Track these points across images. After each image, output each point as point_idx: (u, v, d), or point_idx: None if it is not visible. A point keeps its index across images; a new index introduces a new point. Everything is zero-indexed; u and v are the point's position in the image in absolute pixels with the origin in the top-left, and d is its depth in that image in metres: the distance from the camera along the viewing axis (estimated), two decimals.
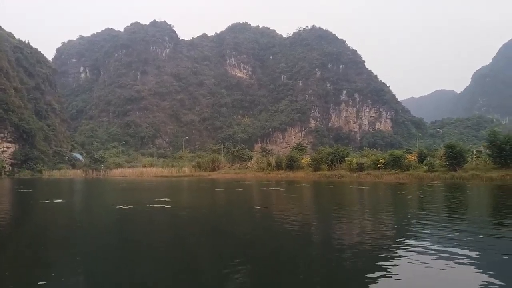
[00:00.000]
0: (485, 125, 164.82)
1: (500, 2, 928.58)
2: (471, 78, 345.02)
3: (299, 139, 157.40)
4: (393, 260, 4.40)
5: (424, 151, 35.95)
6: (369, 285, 3.51)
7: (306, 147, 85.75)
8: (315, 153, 47.86)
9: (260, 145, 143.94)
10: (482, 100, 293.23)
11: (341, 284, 3.81)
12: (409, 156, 35.73)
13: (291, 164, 47.69)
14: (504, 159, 30.03)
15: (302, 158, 49.04)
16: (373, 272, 3.86)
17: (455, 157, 31.31)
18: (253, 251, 5.28)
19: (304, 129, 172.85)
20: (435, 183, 25.10)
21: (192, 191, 21.39)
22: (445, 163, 32.21)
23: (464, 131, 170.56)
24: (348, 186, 23.23)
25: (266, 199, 14.61)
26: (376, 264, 4.23)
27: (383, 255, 4.74)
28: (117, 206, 10.64)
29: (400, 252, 4.82)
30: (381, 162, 35.89)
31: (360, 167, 37.70)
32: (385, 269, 4.00)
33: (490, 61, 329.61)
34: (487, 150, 32.02)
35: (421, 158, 34.46)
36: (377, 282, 3.57)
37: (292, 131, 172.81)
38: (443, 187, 21.14)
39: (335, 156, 41.98)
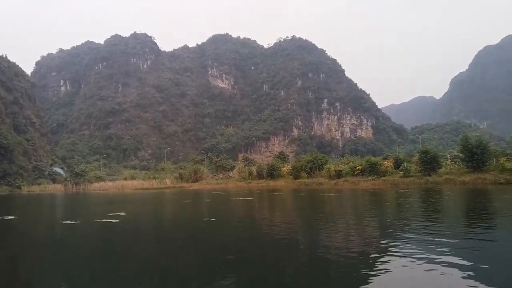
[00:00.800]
0: (464, 130, 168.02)
1: (475, 12, 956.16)
2: (449, 84, 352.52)
3: (283, 147, 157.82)
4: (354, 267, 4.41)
5: (401, 157, 36.48)
6: None
7: (288, 156, 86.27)
8: (295, 162, 48.11)
9: (243, 154, 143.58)
10: (460, 105, 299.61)
11: None
12: (385, 162, 36.15)
13: (272, 172, 47.84)
14: (476, 163, 30.61)
15: (283, 167, 49.16)
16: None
17: (429, 162, 31.83)
18: (174, 262, 5.24)
19: (287, 137, 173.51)
20: (409, 189, 25.42)
21: (158, 203, 21.13)
22: (420, 168, 32.73)
23: (444, 136, 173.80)
24: (318, 194, 23.32)
25: (224, 210, 14.51)
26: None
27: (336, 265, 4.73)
28: (64, 222, 10.48)
29: (368, 258, 4.83)
30: (358, 168, 36.23)
31: (338, 174, 37.97)
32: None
33: (467, 67, 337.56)
34: (461, 155, 32.62)
35: (397, 164, 34.89)
36: None
37: (275, 140, 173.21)
38: (415, 192, 21.41)
39: (314, 164, 42.22)
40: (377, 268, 4.32)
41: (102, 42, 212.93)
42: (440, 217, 10.10)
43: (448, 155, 36.92)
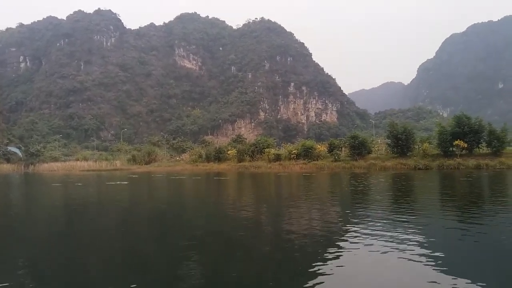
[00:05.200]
0: (424, 115, 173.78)
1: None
2: (417, 70, 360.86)
3: (249, 130, 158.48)
4: None
5: (335, 142, 37.42)
6: None
7: (246, 139, 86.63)
8: (240, 145, 48.62)
9: (210, 137, 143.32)
10: (426, 92, 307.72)
11: None
12: (319, 147, 37.07)
13: (219, 156, 48.23)
14: (400, 149, 31.90)
15: (229, 150, 49.52)
16: None
17: (357, 147, 32.90)
18: None
19: (254, 120, 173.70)
20: (318, 172, 26.27)
21: (27, 187, 21.12)
22: (349, 153, 33.79)
23: (405, 122, 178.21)
24: (222, 179, 23.92)
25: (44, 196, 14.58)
26: None
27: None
28: None
29: None
30: (294, 153, 37.05)
31: (277, 158, 38.75)
32: None
33: (434, 54, 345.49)
34: (388, 141, 33.82)
35: (331, 149, 35.86)
36: None
37: (242, 122, 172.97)
38: (315, 176, 22.17)
39: (256, 147, 42.88)
40: None
41: (64, 18, 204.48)
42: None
43: (379, 140, 38.18)
